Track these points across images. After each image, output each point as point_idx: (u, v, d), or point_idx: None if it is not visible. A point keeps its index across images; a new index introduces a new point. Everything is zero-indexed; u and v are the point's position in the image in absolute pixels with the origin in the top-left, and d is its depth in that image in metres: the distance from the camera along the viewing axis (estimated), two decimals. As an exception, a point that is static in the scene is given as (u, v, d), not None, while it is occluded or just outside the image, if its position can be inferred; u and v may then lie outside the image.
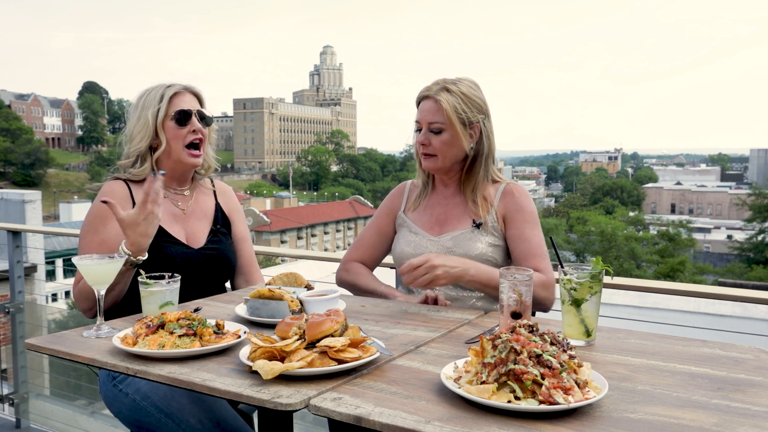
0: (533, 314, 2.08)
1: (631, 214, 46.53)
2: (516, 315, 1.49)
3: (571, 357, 1.14)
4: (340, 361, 1.23)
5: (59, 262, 20.78)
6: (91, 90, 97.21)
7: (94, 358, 1.35)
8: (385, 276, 2.27)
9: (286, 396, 1.13)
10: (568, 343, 1.17)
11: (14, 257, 3.90)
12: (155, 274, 1.65)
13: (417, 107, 2.05)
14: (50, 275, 20.38)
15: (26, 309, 3.99)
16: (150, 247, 1.82)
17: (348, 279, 2.13)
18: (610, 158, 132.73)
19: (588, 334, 1.48)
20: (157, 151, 2.04)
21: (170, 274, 1.64)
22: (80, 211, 32.76)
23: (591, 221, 37.45)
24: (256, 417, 1.96)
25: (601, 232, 33.71)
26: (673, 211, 69.77)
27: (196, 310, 1.67)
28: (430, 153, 2.01)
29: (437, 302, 1.86)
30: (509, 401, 1.06)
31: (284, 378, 1.20)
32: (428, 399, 1.12)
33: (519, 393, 1.06)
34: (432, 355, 1.38)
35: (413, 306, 1.84)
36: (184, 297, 1.87)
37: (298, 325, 1.30)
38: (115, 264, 1.62)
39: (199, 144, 2.08)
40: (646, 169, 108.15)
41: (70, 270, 20.16)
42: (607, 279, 1.53)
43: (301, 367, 1.19)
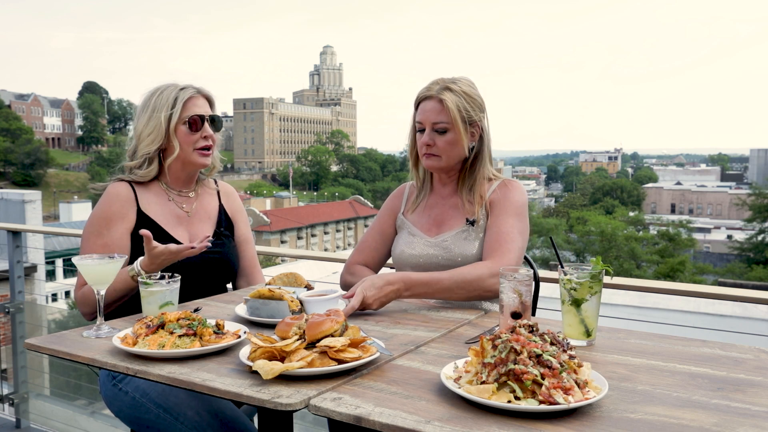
0: (534, 308, 2.08)
1: (631, 214, 46.53)
2: (516, 315, 1.49)
3: (571, 357, 1.14)
4: (340, 361, 1.23)
5: (59, 262, 20.77)
6: (91, 90, 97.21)
7: (94, 358, 1.36)
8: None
9: (286, 396, 1.13)
10: (568, 343, 1.18)
11: (14, 257, 3.90)
12: (155, 274, 1.65)
13: (416, 108, 2.04)
14: (50, 275, 20.36)
15: (26, 309, 3.99)
16: None
17: (352, 282, 2.13)
18: (610, 158, 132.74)
19: (588, 334, 1.48)
20: (170, 157, 2.02)
21: (170, 274, 1.64)
22: (80, 211, 32.72)
23: (591, 221, 37.43)
24: (256, 417, 1.96)
25: (601, 232, 33.71)
26: (673, 211, 69.77)
27: (196, 310, 1.68)
28: (434, 153, 2.00)
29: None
30: (509, 401, 1.06)
31: (284, 378, 1.20)
32: (428, 399, 1.12)
33: (519, 393, 1.07)
34: (432, 355, 1.38)
35: (413, 306, 1.84)
36: (186, 299, 1.87)
37: (298, 325, 1.30)
38: (115, 264, 1.62)
39: (210, 147, 2.08)
40: (646, 169, 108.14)
41: (70, 270, 20.16)
42: (607, 279, 1.53)
43: (301, 367, 1.19)
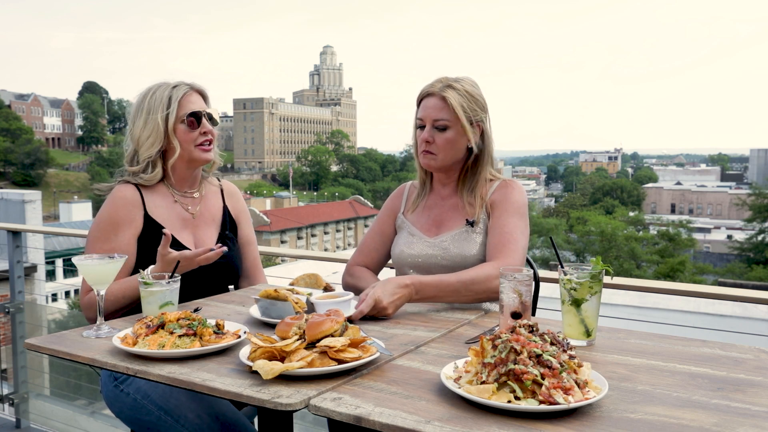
0: (535, 308, 2.08)
1: (631, 214, 46.51)
2: (516, 315, 1.49)
3: (571, 357, 1.14)
4: (340, 361, 1.23)
5: (59, 262, 20.76)
6: (91, 90, 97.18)
7: (94, 358, 1.36)
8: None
9: (286, 396, 1.13)
10: (568, 343, 1.18)
11: (14, 257, 3.90)
12: (155, 274, 1.65)
13: (418, 105, 2.04)
14: (50, 275, 20.36)
15: (26, 309, 3.99)
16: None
17: (353, 283, 2.13)
18: (610, 158, 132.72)
19: (588, 334, 1.48)
20: (172, 158, 2.01)
21: (170, 274, 1.64)
22: (80, 212, 32.70)
23: (591, 221, 37.42)
24: (256, 418, 1.96)
25: (601, 232, 33.70)
26: (673, 211, 69.76)
27: (196, 310, 1.68)
28: (433, 151, 1.99)
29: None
30: (509, 401, 1.06)
31: (284, 378, 1.20)
32: (428, 399, 1.12)
33: (519, 393, 1.07)
34: (432, 355, 1.38)
35: (413, 306, 1.84)
36: (187, 300, 1.87)
37: (298, 325, 1.30)
38: (115, 264, 1.62)
39: (210, 142, 2.07)
40: (646, 169, 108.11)
41: (70, 270, 20.16)
42: (607, 279, 1.53)
43: (301, 367, 1.19)
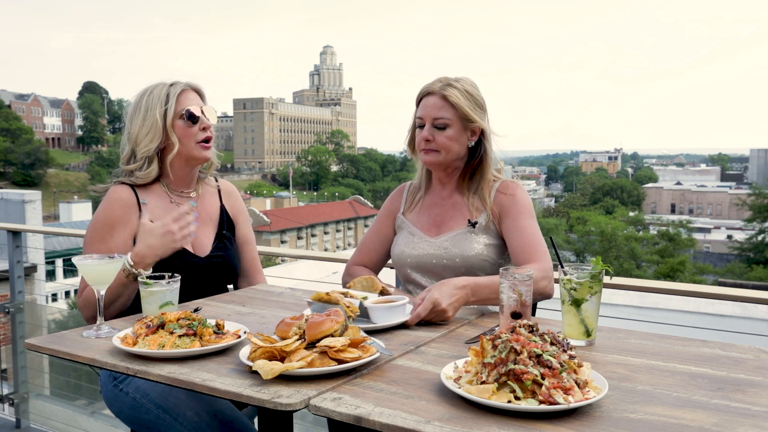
0: (535, 308, 2.08)
1: (631, 214, 46.52)
2: (516, 315, 1.49)
3: (571, 357, 1.14)
4: (340, 361, 1.23)
5: (59, 262, 20.76)
6: (91, 90, 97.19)
7: (94, 358, 1.36)
8: (390, 277, 2.27)
9: (286, 396, 1.13)
10: (568, 343, 1.18)
11: (14, 257, 3.90)
12: (155, 274, 1.65)
13: (417, 104, 2.04)
14: (50, 275, 20.36)
15: (26, 309, 3.99)
16: None
17: None
18: (610, 158, 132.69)
19: (588, 334, 1.48)
20: (170, 154, 2.01)
21: (170, 274, 1.64)
22: (80, 211, 32.69)
23: (591, 221, 37.43)
24: (256, 418, 1.96)
25: (601, 232, 33.71)
26: (673, 211, 69.75)
27: (196, 310, 1.68)
28: (433, 148, 2.00)
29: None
30: (509, 401, 1.06)
31: (284, 378, 1.20)
32: (428, 399, 1.12)
33: (519, 393, 1.07)
34: (432, 355, 1.38)
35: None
36: (187, 300, 1.87)
37: (298, 325, 1.30)
38: (115, 264, 1.62)
39: (209, 139, 2.07)
40: (646, 169, 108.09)
41: (70, 270, 20.16)
42: (607, 279, 1.53)
43: (301, 367, 1.19)
